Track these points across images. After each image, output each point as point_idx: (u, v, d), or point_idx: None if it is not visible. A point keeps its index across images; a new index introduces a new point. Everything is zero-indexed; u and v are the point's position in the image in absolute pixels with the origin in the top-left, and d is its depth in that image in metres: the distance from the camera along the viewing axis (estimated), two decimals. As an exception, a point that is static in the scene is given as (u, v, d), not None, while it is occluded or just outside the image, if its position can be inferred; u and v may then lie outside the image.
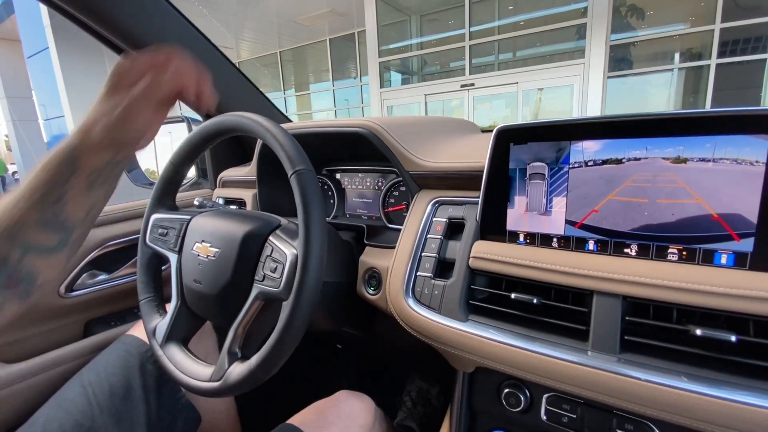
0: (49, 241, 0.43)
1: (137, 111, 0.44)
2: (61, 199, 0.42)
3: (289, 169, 0.51)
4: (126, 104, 0.44)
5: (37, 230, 0.42)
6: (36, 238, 0.42)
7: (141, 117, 0.45)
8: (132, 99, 0.44)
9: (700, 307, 0.42)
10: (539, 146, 0.53)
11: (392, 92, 8.05)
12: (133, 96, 0.44)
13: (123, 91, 0.44)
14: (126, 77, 0.44)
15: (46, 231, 0.42)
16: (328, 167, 1.00)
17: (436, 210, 0.66)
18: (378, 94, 7.93)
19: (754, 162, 0.41)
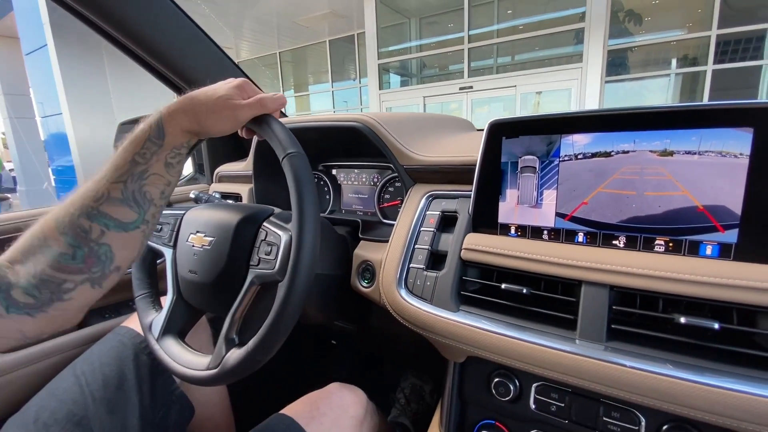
0: (129, 217, 0.45)
1: (229, 116, 0.51)
2: (143, 175, 0.46)
3: (280, 153, 0.52)
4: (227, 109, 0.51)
5: (118, 206, 0.44)
6: (117, 213, 0.44)
7: (230, 123, 0.52)
8: (234, 105, 0.50)
9: (685, 296, 0.43)
10: (530, 140, 0.54)
11: (391, 94, 8.07)
12: (237, 104, 0.51)
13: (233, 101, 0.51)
14: (243, 91, 0.52)
15: (126, 207, 0.44)
16: (324, 163, 1.01)
17: (429, 203, 0.67)
18: (377, 96, 7.95)
19: (738, 154, 0.42)
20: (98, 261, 0.43)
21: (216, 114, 0.50)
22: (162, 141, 0.47)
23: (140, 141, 0.46)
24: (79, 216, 0.42)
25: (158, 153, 0.47)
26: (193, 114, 0.49)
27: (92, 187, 0.43)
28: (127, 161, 0.45)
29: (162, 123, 0.47)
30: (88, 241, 0.42)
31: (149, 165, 0.46)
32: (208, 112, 0.49)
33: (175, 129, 0.48)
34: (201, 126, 0.50)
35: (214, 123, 0.50)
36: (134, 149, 0.46)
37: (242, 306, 0.53)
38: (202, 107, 0.49)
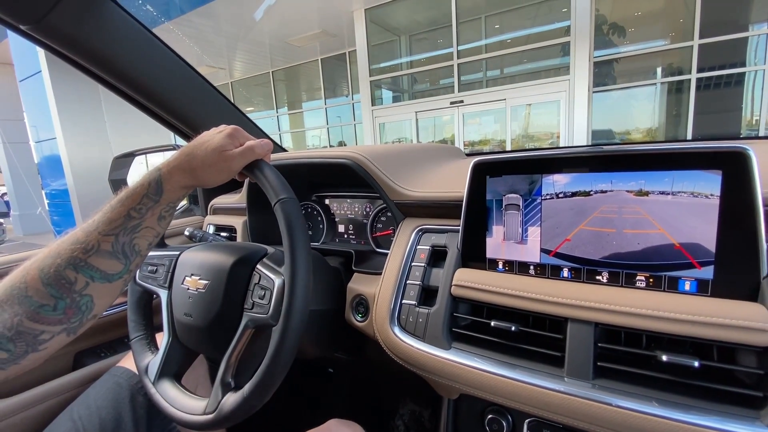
0: (114, 268, 0.45)
1: (223, 167, 0.52)
2: (136, 228, 0.47)
3: (272, 198, 0.54)
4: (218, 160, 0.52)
5: (106, 258, 0.44)
6: (103, 265, 0.44)
7: (224, 174, 0.53)
8: (228, 156, 0.52)
9: (667, 334, 0.44)
10: (513, 179, 0.56)
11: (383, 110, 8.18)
12: (231, 155, 0.52)
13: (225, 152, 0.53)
14: (235, 139, 0.54)
15: (114, 259, 0.45)
16: (317, 193, 1.02)
17: (419, 238, 0.68)
18: (369, 112, 8.05)
19: (709, 195, 0.44)
20: (78, 311, 0.43)
21: (211, 167, 0.52)
22: (159, 197, 0.49)
23: (137, 197, 0.47)
24: (66, 267, 0.41)
25: (153, 208, 0.48)
26: (190, 171, 0.51)
27: (82, 238, 0.43)
28: (122, 215, 0.46)
29: (161, 181, 0.49)
30: (71, 292, 0.42)
31: (143, 219, 0.47)
32: (204, 166, 0.51)
33: (173, 186, 0.50)
34: (197, 180, 0.52)
35: (209, 176, 0.52)
36: (130, 204, 0.47)
37: (237, 349, 0.54)
38: (199, 162, 0.51)
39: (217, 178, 0.53)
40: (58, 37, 0.72)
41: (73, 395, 0.73)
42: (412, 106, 7.79)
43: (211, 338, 0.60)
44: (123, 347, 0.96)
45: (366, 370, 1.04)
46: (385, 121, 8.13)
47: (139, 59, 0.84)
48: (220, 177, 0.53)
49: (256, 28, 8.17)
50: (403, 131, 8.21)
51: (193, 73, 0.97)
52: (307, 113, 11.72)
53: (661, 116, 6.77)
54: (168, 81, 0.91)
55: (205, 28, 8.03)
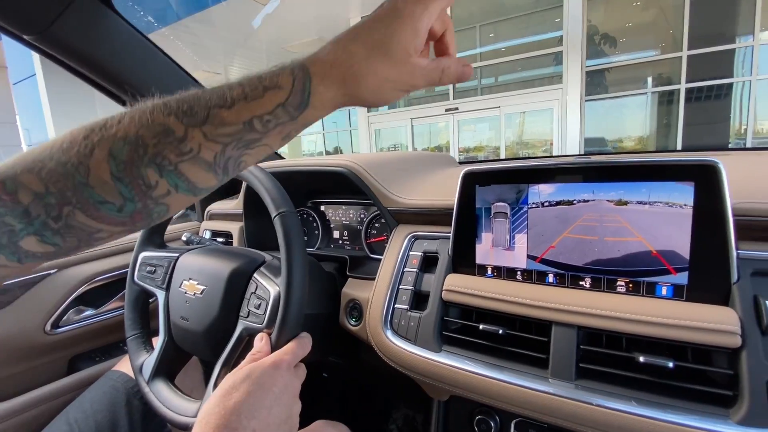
0: (206, 183, 0.34)
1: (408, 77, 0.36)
2: (251, 144, 0.35)
3: (273, 211, 0.56)
4: None
5: (202, 170, 0.33)
6: (196, 176, 0.33)
7: (401, 91, 0.37)
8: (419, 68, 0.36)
9: (645, 336, 0.46)
10: (501, 188, 0.59)
11: (379, 116, 8.24)
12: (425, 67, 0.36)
13: None
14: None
15: (211, 173, 0.34)
16: (313, 200, 1.05)
17: (412, 244, 0.70)
18: (365, 118, 8.11)
19: (682, 205, 0.47)
20: (148, 217, 0.33)
21: (392, 71, 0.34)
22: (299, 113, 0.33)
23: (269, 104, 0.32)
24: (148, 165, 0.30)
25: (285, 125, 0.33)
26: (352, 78, 0.33)
27: (179, 132, 0.30)
28: (241, 121, 0.31)
29: (310, 90, 0.33)
30: (147, 197, 0.31)
31: (266, 135, 0.33)
32: (379, 72, 0.34)
33: (322, 100, 0.34)
34: (356, 97, 0.35)
35: (380, 94, 0.35)
36: (257, 110, 0.32)
37: (231, 356, 0.55)
38: (372, 66, 0.33)
39: (389, 97, 0.36)
40: (62, 47, 0.74)
41: (69, 399, 0.74)
42: (407, 113, 7.86)
43: (206, 342, 0.61)
44: (118, 351, 0.97)
45: (359, 374, 1.05)
46: (381, 127, 8.19)
47: (140, 68, 0.86)
48: (393, 96, 0.37)
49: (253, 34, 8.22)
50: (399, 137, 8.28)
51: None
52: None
53: (652, 125, 6.90)
54: (167, 90, 0.93)
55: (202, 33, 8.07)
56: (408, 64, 0.34)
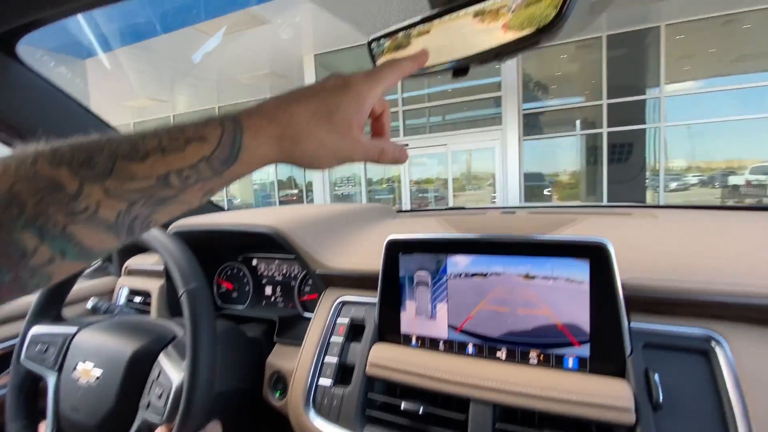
0: (103, 245, 0.29)
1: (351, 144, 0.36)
2: (166, 201, 0.31)
3: (179, 287, 0.52)
4: None
5: (100, 232, 0.28)
6: (91, 240, 0.28)
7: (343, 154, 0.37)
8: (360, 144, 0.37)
9: (553, 413, 0.48)
10: (422, 257, 0.60)
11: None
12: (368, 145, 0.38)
13: None
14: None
15: (111, 234, 0.29)
16: (245, 254, 1.00)
17: (339, 310, 0.68)
18: (318, 151, 8.13)
19: (580, 281, 0.50)
20: (20, 290, 0.26)
21: (332, 136, 0.33)
22: (226, 168, 0.30)
23: (192, 156, 0.28)
24: (24, 228, 0.24)
25: (207, 182, 0.30)
26: (290, 137, 0.32)
27: (71, 186, 0.25)
28: (155, 176, 0.27)
29: (240, 145, 0.30)
30: (21, 267, 0.25)
31: (183, 192, 0.29)
32: (320, 133, 0.33)
33: (253, 156, 0.31)
34: (292, 159, 0.34)
35: (316, 159, 0.34)
36: (176, 164, 0.28)
37: None
38: (313, 124, 0.33)
39: (324, 161, 0.35)
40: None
41: None
42: (360, 147, 8.01)
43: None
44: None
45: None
46: (334, 160, 8.24)
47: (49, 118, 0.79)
48: (328, 162, 0.35)
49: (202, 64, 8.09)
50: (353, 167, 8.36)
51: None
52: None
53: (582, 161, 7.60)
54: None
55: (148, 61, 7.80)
56: (349, 136, 0.34)
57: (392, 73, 0.38)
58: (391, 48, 0.50)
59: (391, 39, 0.50)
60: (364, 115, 0.36)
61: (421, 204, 8.08)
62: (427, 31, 0.46)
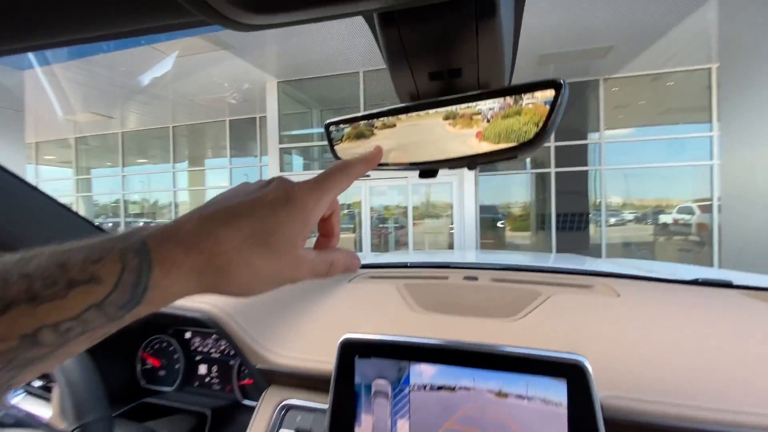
0: None
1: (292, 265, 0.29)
2: (36, 361, 0.24)
3: (70, 420, 0.40)
4: None
5: None
6: None
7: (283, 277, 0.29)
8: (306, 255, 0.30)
9: None
10: (382, 363, 0.52)
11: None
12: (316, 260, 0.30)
13: None
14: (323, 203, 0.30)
15: None
16: (177, 326, 0.86)
17: (283, 417, 0.58)
18: (278, 177, 7.94)
19: (557, 403, 0.45)
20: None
21: (269, 273, 0.27)
22: (126, 312, 0.23)
23: (76, 306, 0.21)
24: None
25: (98, 330, 0.23)
26: (217, 273, 0.25)
27: None
28: (16, 335, 0.20)
29: (147, 284, 0.23)
30: None
31: (62, 347, 0.22)
32: (256, 270, 0.26)
33: (165, 295, 0.24)
34: (218, 291, 0.26)
35: (249, 288, 0.27)
36: (50, 317, 0.21)
37: None
38: (248, 261, 0.26)
39: (260, 289, 0.28)
40: None
41: None
42: (321, 176, 7.94)
43: None
44: None
45: None
46: (294, 187, 8.08)
47: None
48: (265, 288, 0.28)
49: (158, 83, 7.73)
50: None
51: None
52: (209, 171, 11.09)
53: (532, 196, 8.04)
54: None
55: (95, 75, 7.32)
56: (292, 256, 0.28)
57: (343, 180, 0.32)
58: (351, 135, 0.44)
59: (351, 125, 0.44)
60: (310, 230, 0.29)
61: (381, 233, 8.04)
62: (393, 124, 0.41)
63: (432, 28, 0.34)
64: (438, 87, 0.41)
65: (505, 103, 0.34)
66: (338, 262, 0.32)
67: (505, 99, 0.34)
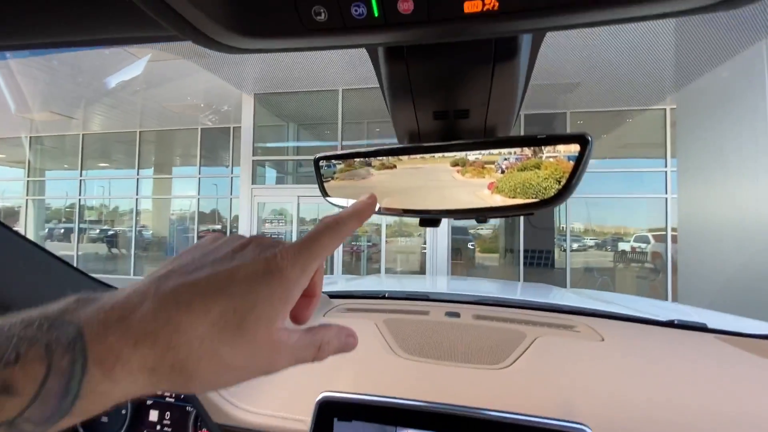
0: None
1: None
2: None
3: None
4: None
5: None
6: None
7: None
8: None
9: None
10: (364, 427, 0.46)
11: (264, 190, 7.98)
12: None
13: None
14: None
15: None
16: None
17: (246, 486, 0.51)
18: (249, 190, 7.72)
19: (560, 479, 0.41)
20: None
21: (241, 358, 0.21)
22: (52, 424, 0.18)
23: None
24: None
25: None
26: (175, 370, 0.20)
27: None
28: None
29: (78, 391, 0.17)
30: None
31: None
32: (224, 362, 0.21)
33: (104, 402, 0.19)
34: (174, 389, 0.21)
35: (214, 384, 0.22)
36: None
37: None
38: (213, 353, 0.20)
39: (226, 384, 0.22)
40: None
41: None
42: (295, 190, 7.79)
43: None
44: None
45: None
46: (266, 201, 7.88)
47: None
48: (232, 382, 0.23)
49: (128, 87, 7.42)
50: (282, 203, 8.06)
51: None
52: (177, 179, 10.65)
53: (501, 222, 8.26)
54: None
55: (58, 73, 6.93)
56: (269, 342, 0.22)
57: (333, 240, 0.27)
58: (345, 173, 0.40)
59: (345, 162, 0.39)
60: (291, 306, 0.24)
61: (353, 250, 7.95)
62: (393, 165, 0.37)
63: (445, 67, 0.31)
64: (441, 127, 0.37)
65: (523, 154, 0.31)
66: (328, 345, 0.26)
67: (522, 149, 0.30)
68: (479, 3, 0.19)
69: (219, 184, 10.09)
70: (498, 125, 0.37)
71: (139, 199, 10.44)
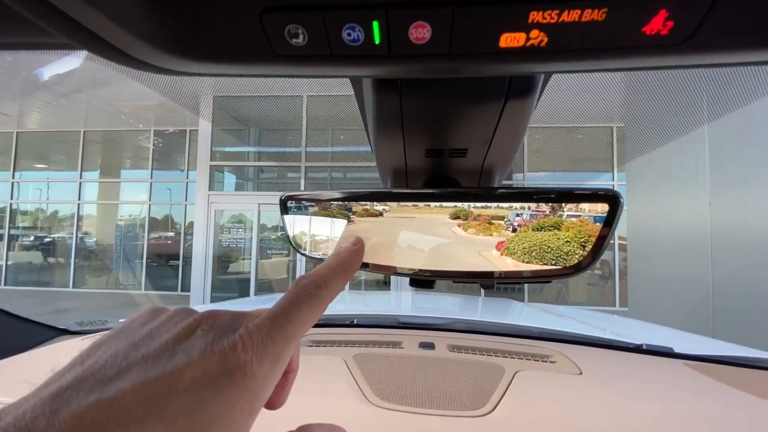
0: None
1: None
2: None
3: None
4: None
5: None
6: None
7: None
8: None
9: None
10: None
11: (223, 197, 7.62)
12: None
13: None
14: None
15: None
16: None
17: None
18: (205, 197, 7.33)
19: None
20: None
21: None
22: None
23: None
24: None
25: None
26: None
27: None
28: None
29: None
30: None
31: None
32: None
33: None
34: None
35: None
36: None
37: None
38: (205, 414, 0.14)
39: None
40: None
41: None
42: (255, 197, 7.51)
43: None
44: None
45: None
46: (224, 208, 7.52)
47: None
48: None
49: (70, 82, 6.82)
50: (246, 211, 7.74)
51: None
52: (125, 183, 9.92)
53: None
54: None
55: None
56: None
57: (312, 314, 0.20)
58: (319, 218, 0.33)
59: (319, 206, 0.33)
60: (259, 410, 0.17)
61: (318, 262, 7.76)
62: (379, 213, 0.30)
63: (447, 103, 0.25)
64: (433, 165, 0.32)
65: (539, 211, 0.26)
66: None
67: (538, 205, 0.25)
68: (522, 37, 0.14)
69: (173, 189, 9.52)
70: (496, 165, 0.32)
71: (81, 204, 9.61)
